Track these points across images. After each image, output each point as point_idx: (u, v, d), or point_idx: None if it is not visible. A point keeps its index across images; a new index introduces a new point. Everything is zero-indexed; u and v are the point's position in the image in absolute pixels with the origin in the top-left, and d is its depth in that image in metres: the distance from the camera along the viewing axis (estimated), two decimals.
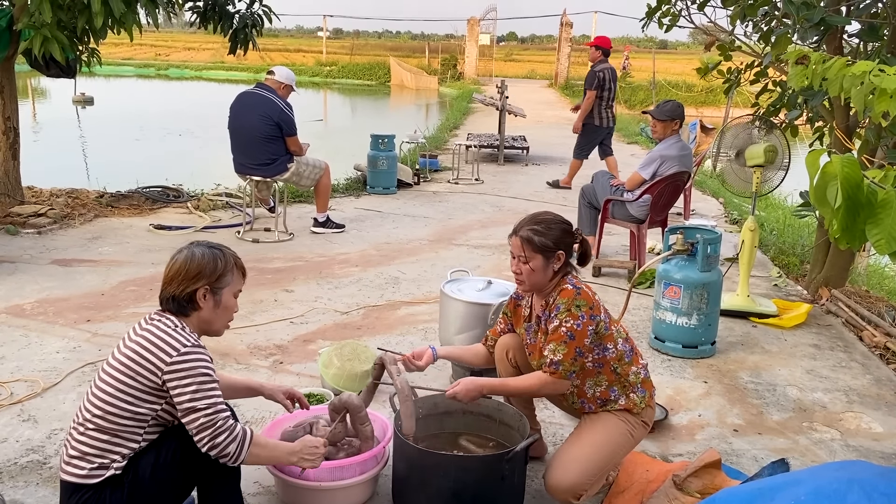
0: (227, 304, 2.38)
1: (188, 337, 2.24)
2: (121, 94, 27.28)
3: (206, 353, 2.26)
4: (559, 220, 2.72)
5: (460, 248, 6.41)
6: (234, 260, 2.41)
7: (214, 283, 2.33)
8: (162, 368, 2.18)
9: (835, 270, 5.36)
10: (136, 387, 2.20)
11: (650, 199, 5.60)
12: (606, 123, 9.17)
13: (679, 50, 52.13)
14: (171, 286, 2.32)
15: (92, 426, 2.21)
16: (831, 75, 2.58)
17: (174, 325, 2.26)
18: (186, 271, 2.32)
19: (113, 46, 35.97)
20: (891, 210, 1.90)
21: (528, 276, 2.66)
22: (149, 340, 2.22)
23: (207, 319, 2.36)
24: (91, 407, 2.22)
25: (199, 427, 2.18)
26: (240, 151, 6.26)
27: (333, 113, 24.71)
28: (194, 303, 2.32)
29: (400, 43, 58.68)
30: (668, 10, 5.38)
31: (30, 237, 6.06)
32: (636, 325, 4.71)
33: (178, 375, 2.18)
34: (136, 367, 2.20)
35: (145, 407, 2.22)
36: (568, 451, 2.62)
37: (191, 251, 2.36)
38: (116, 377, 2.21)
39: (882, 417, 3.66)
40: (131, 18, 5.51)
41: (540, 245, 2.62)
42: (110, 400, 2.20)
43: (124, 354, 2.23)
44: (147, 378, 2.19)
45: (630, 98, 25.61)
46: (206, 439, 2.18)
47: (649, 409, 2.72)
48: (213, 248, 2.39)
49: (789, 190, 8.13)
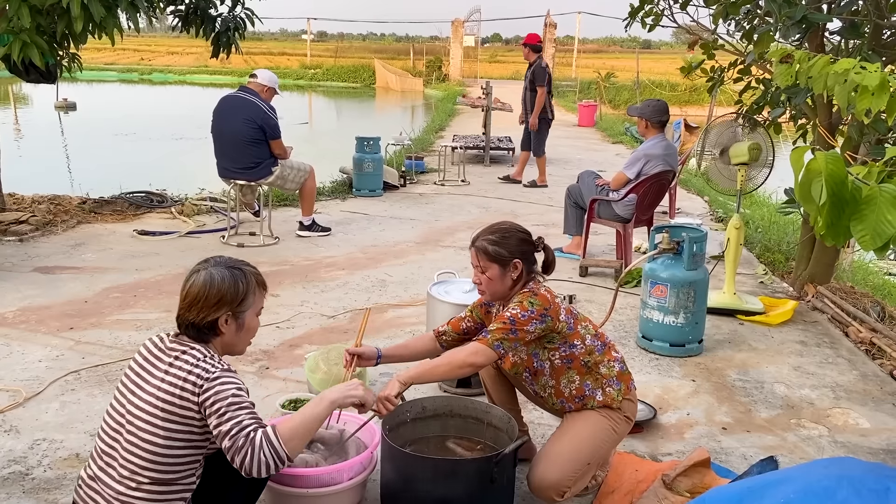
0: (249, 326, 2.27)
1: (215, 364, 2.12)
2: (104, 99, 27.11)
3: (235, 377, 2.13)
4: (516, 229, 2.73)
5: (447, 249, 6.39)
6: (256, 278, 2.28)
7: (237, 309, 2.20)
8: (196, 402, 2.07)
9: (820, 267, 5.38)
10: (184, 429, 2.09)
11: (636, 198, 5.61)
12: (553, 115, 9.56)
13: (662, 49, 52.44)
14: (190, 313, 2.17)
15: (146, 479, 2.08)
16: (815, 73, 2.58)
17: (202, 356, 2.14)
18: (206, 298, 2.16)
19: (95, 51, 35.76)
20: (875, 206, 1.90)
21: (486, 285, 2.67)
22: (181, 377, 2.09)
23: (230, 343, 2.24)
24: (136, 459, 2.07)
25: (228, 451, 2.06)
26: (224, 155, 6.22)
27: (318, 116, 24.65)
28: (216, 329, 2.19)
29: (384, 45, 58.64)
30: (650, 9, 5.39)
31: (11, 244, 5.99)
32: (623, 325, 4.71)
33: (210, 402, 2.06)
34: (177, 409, 2.08)
35: (198, 445, 2.14)
36: (550, 448, 2.62)
37: (209, 274, 2.20)
38: (159, 425, 2.07)
39: (869, 413, 3.67)
40: (112, 22, 5.46)
41: (494, 254, 2.63)
42: (159, 451, 2.07)
43: (157, 397, 2.09)
44: (191, 417, 2.09)
45: (615, 98, 25.72)
46: (238, 461, 2.05)
47: (628, 402, 2.71)
48: (233, 268, 2.24)
49: (774, 187, 8.17)
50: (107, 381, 3.71)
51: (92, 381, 3.70)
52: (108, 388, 3.63)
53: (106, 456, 2.15)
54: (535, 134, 9.42)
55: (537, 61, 9.30)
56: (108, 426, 2.17)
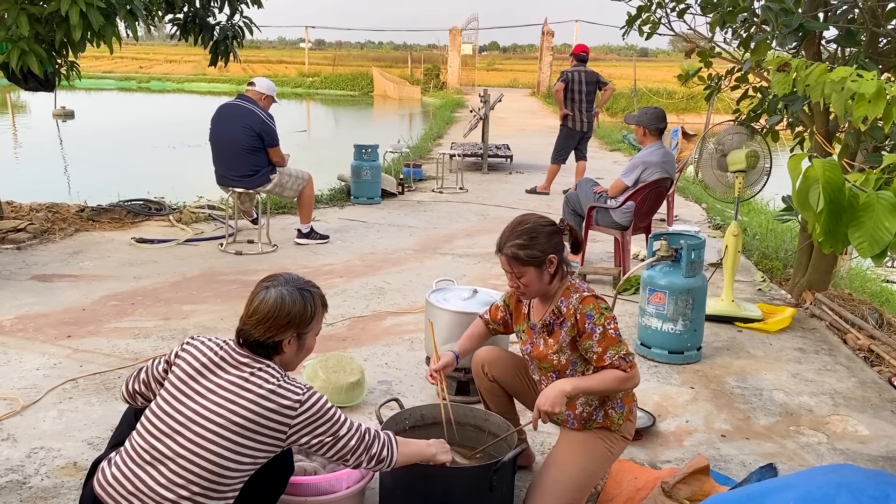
0: (308, 346, 2.31)
1: (297, 384, 2.17)
2: (102, 107, 27.11)
3: (318, 392, 2.21)
4: (541, 223, 2.62)
5: (445, 257, 6.39)
6: (321, 300, 2.32)
7: (302, 331, 2.24)
8: (289, 424, 2.12)
9: (818, 274, 5.39)
10: (255, 445, 2.11)
11: (634, 205, 5.62)
12: (581, 127, 9.37)
13: (660, 57, 52.60)
14: (257, 330, 2.18)
15: (200, 488, 2.08)
16: (812, 81, 2.59)
17: (280, 375, 2.17)
18: (276, 318, 2.18)
19: (93, 59, 35.81)
20: (872, 213, 1.91)
21: (526, 288, 2.62)
22: (263, 396, 2.10)
23: (288, 362, 2.27)
24: (192, 466, 2.07)
25: (351, 450, 2.20)
26: (222, 163, 6.22)
27: (316, 124, 24.67)
28: (279, 348, 2.22)
29: (382, 53, 58.76)
30: (648, 18, 5.41)
31: (9, 252, 5.98)
32: (622, 332, 4.70)
33: (310, 421, 2.14)
34: (255, 426, 2.09)
35: (260, 460, 2.16)
36: (547, 473, 2.60)
37: (280, 295, 2.20)
38: (228, 437, 2.08)
39: (868, 420, 3.67)
40: (110, 31, 5.46)
41: (528, 258, 2.55)
42: (222, 462, 2.08)
43: (229, 410, 2.09)
44: (268, 435, 2.11)
45: (612, 106, 25.77)
46: (363, 455, 2.22)
47: (629, 422, 2.71)
48: (302, 290, 2.25)
49: (771, 195, 8.19)
50: (105, 389, 3.70)
51: (90, 390, 3.69)
52: (105, 396, 3.62)
53: (149, 457, 2.11)
54: (556, 140, 9.52)
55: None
56: (154, 427, 2.13)
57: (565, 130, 9.40)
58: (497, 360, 2.89)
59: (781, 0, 4.08)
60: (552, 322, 2.65)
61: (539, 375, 2.76)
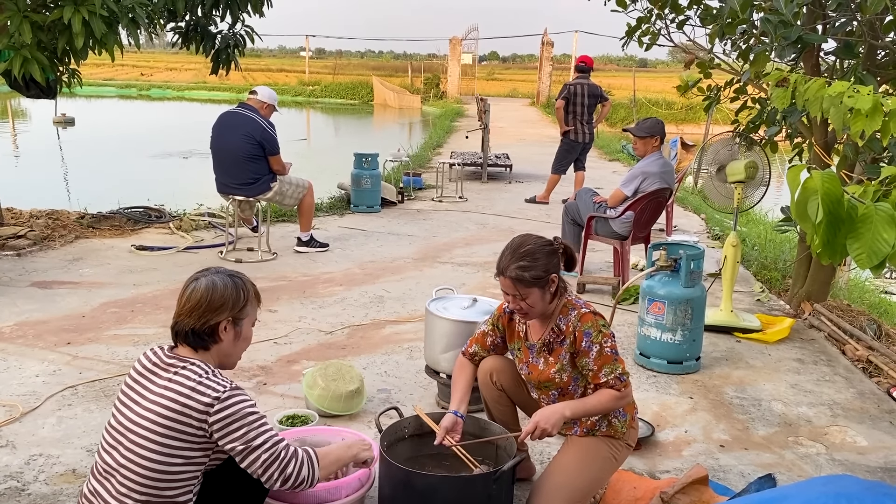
0: (246, 335, 2.29)
1: (220, 381, 2.12)
2: (102, 114, 27.16)
3: (244, 393, 2.16)
4: (540, 244, 2.63)
5: (445, 265, 6.40)
6: (253, 288, 2.32)
7: (237, 315, 2.22)
8: (207, 420, 2.07)
9: (816, 285, 5.40)
10: (184, 446, 2.08)
11: (633, 215, 5.63)
12: (583, 139, 9.41)
13: (659, 68, 52.76)
14: (191, 318, 2.17)
15: (143, 497, 2.06)
16: (810, 96, 2.61)
17: (204, 372, 2.13)
18: (209, 303, 2.17)
19: (94, 67, 35.83)
20: (871, 224, 1.92)
21: (530, 309, 2.62)
22: (182, 394, 2.07)
23: (227, 353, 2.25)
24: (132, 476, 2.06)
25: (263, 464, 2.10)
26: (222, 171, 6.24)
27: (317, 132, 24.71)
28: (215, 336, 2.19)
29: (383, 62, 58.93)
30: (647, 29, 5.45)
31: (9, 259, 5.98)
32: (621, 342, 4.71)
33: (226, 422, 2.07)
34: (178, 425, 2.06)
35: (198, 462, 2.12)
36: (551, 478, 2.61)
37: (211, 280, 2.21)
38: (156, 440, 2.06)
39: (866, 431, 3.67)
40: (112, 39, 5.49)
41: (532, 279, 2.56)
42: (156, 467, 2.06)
43: (155, 413, 2.07)
44: (193, 434, 2.07)
45: (611, 116, 25.84)
46: (276, 473, 2.11)
47: (632, 430, 2.72)
48: (233, 276, 2.27)
49: (770, 205, 8.22)
50: (104, 396, 3.70)
51: (89, 397, 3.69)
52: (105, 403, 3.62)
53: (104, 472, 2.14)
54: (557, 151, 9.58)
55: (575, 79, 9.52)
56: (106, 442, 2.17)
57: (567, 143, 9.45)
58: (506, 369, 2.88)
59: (780, 12, 4.11)
60: (552, 341, 2.67)
61: (538, 394, 2.78)
